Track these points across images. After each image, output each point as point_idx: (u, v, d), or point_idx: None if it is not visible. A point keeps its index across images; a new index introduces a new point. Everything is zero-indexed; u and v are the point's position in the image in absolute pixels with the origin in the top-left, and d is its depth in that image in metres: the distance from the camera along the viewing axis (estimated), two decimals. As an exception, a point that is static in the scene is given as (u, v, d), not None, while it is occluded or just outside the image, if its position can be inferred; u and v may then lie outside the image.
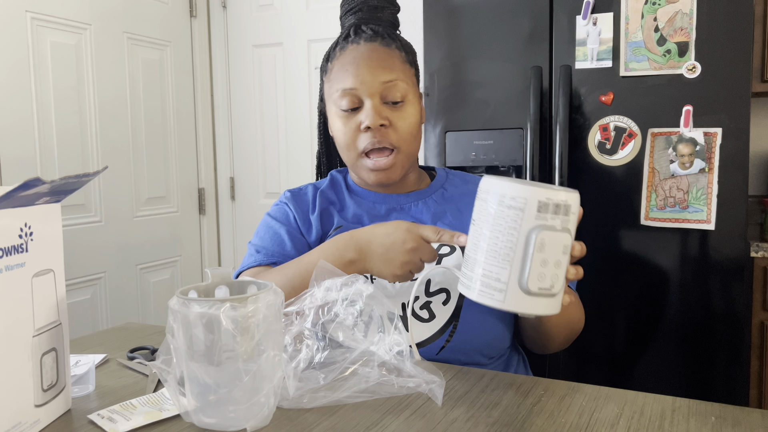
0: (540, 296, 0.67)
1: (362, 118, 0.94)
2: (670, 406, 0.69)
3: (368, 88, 0.94)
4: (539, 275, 0.67)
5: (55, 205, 0.68)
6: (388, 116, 0.95)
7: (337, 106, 0.97)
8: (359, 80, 0.94)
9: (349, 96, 0.95)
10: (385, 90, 0.95)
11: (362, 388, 0.71)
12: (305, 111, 2.63)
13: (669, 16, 1.62)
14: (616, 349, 1.73)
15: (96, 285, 2.32)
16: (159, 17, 2.55)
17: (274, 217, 1.04)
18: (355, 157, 0.97)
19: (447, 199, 1.03)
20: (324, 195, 1.04)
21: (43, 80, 2.10)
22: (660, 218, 1.65)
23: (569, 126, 1.72)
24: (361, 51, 0.97)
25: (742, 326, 1.61)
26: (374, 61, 0.95)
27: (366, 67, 0.95)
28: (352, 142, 0.96)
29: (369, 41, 0.98)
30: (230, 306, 0.60)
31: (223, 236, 2.88)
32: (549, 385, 0.76)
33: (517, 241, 0.67)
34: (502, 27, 1.82)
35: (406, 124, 0.96)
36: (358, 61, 0.95)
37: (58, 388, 0.68)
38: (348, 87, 0.95)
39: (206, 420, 0.63)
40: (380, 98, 0.95)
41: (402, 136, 0.96)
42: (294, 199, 1.05)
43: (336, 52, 1.00)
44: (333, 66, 0.99)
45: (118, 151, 2.38)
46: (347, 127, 0.96)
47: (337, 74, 0.98)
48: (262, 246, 1.00)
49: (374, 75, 0.94)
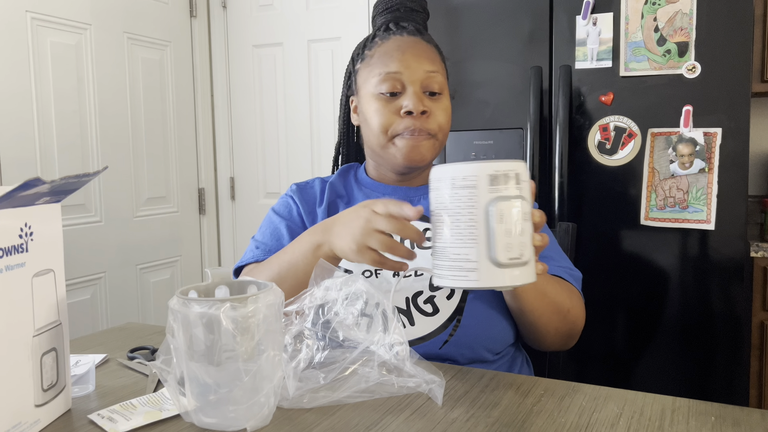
0: (512, 267, 0.68)
1: (405, 102, 0.96)
2: (670, 406, 0.69)
3: (412, 74, 0.96)
4: (506, 245, 0.68)
5: (55, 205, 0.68)
6: (428, 105, 0.97)
7: (375, 89, 0.98)
8: (404, 65, 0.96)
9: (392, 80, 0.96)
10: (428, 79, 0.97)
11: (362, 388, 0.71)
12: (305, 111, 2.63)
13: (669, 16, 1.62)
14: (616, 349, 1.73)
15: (96, 285, 2.32)
16: (159, 17, 2.55)
17: (276, 212, 1.05)
18: (387, 140, 0.98)
19: None
20: (332, 187, 1.05)
21: (43, 80, 2.10)
22: (660, 218, 1.65)
23: (569, 126, 1.72)
24: (406, 41, 0.99)
25: (742, 326, 1.61)
26: (419, 50, 0.98)
27: (411, 54, 0.97)
28: (389, 124, 0.96)
29: (412, 35, 1.01)
30: (230, 306, 0.60)
31: (223, 236, 2.88)
32: (549, 385, 0.76)
33: (478, 218, 0.68)
34: (502, 27, 1.82)
35: (444, 115, 0.98)
36: (404, 48, 0.98)
37: (58, 388, 0.68)
38: (392, 71, 0.96)
39: (206, 420, 0.63)
40: (421, 87, 0.97)
41: (439, 125, 0.98)
42: (300, 192, 1.06)
43: (376, 41, 1.02)
44: (374, 53, 1.01)
45: (118, 151, 2.38)
46: (386, 109, 0.96)
47: (379, 59, 0.99)
48: (262, 242, 1.02)
49: (419, 63, 0.97)
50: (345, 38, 2.52)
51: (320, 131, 2.61)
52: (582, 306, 0.96)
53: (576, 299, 0.95)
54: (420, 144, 0.96)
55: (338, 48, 2.54)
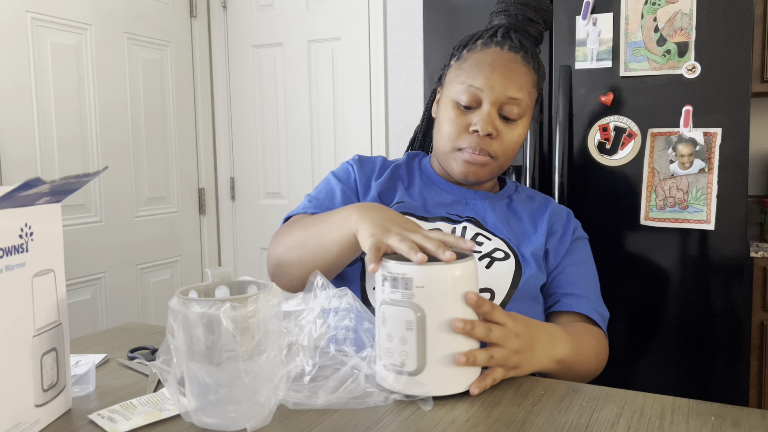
0: (398, 374, 0.69)
1: (474, 120, 0.96)
2: (669, 406, 0.69)
3: (494, 95, 0.95)
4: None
5: (55, 205, 0.68)
6: (498, 127, 0.96)
7: (456, 96, 0.98)
8: (489, 84, 0.95)
9: (472, 94, 0.96)
10: (507, 104, 0.96)
11: (348, 397, 0.70)
12: (305, 111, 2.63)
13: (669, 16, 1.62)
14: (616, 349, 1.73)
15: (96, 285, 2.32)
16: (159, 17, 2.55)
17: (335, 175, 1.07)
18: (450, 149, 0.99)
19: (512, 210, 1.05)
20: (396, 169, 1.07)
21: (43, 80, 2.10)
22: (660, 218, 1.65)
23: (569, 126, 1.72)
24: (503, 57, 0.97)
25: (742, 326, 1.61)
26: (510, 72, 0.96)
27: (501, 75, 0.95)
28: (456, 137, 0.97)
29: (513, 51, 0.98)
30: (230, 306, 0.60)
31: (223, 236, 2.88)
32: (549, 385, 0.76)
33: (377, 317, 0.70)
34: (502, 27, 1.81)
35: (512, 141, 0.98)
36: (496, 66, 0.96)
37: (58, 388, 0.68)
38: (475, 86, 0.96)
39: (206, 420, 0.63)
40: (498, 109, 0.96)
41: (503, 150, 0.97)
42: (361, 162, 1.08)
43: (477, 45, 1.00)
44: (469, 57, 1.00)
45: (118, 151, 2.38)
46: (458, 121, 0.97)
47: (470, 67, 0.98)
48: (315, 197, 1.03)
49: (505, 86, 0.95)
50: (345, 38, 2.52)
51: (320, 131, 2.61)
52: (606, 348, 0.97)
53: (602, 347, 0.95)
54: (477, 163, 0.97)
55: (338, 48, 2.54)
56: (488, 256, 0.94)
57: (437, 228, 0.96)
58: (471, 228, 0.98)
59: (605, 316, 0.99)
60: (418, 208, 1.00)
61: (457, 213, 1.01)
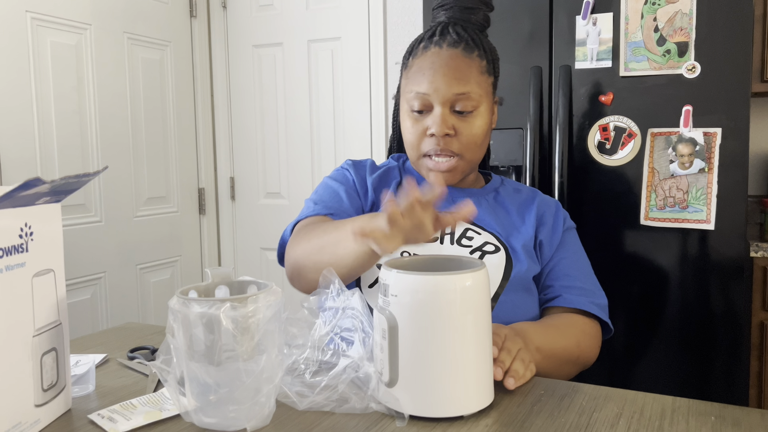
0: (378, 382, 0.68)
1: (429, 123, 0.97)
2: (670, 406, 0.69)
3: (440, 96, 0.96)
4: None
5: (55, 205, 0.68)
6: (455, 125, 0.97)
7: (409, 105, 0.99)
8: (433, 87, 0.96)
9: (421, 100, 0.97)
10: (456, 101, 0.96)
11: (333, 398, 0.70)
12: (305, 111, 2.63)
13: (669, 16, 1.62)
14: (616, 349, 1.73)
15: (96, 285, 2.32)
16: (159, 17, 2.55)
17: (333, 178, 1.08)
18: (417, 157, 1.01)
19: (499, 203, 1.06)
20: (389, 169, 1.09)
21: (43, 80, 2.10)
22: (660, 218, 1.65)
23: (569, 126, 1.72)
24: (442, 57, 0.98)
25: (741, 326, 1.61)
26: (451, 70, 0.96)
27: (442, 76, 0.96)
28: (417, 143, 0.99)
29: (451, 47, 0.98)
30: (230, 306, 0.60)
31: (223, 236, 2.87)
32: (549, 385, 0.76)
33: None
34: (502, 27, 1.82)
35: (472, 135, 0.98)
36: (436, 68, 0.97)
37: (58, 387, 0.68)
38: (422, 92, 0.97)
39: (206, 420, 0.63)
40: (450, 107, 0.97)
41: (465, 145, 0.98)
42: (354, 165, 1.10)
43: (419, 51, 1.01)
44: (413, 63, 1.01)
45: (118, 151, 2.38)
46: (415, 128, 0.99)
47: (414, 75, 0.99)
48: (320, 199, 1.04)
49: (448, 85, 0.96)
50: (345, 38, 2.52)
51: (320, 131, 2.61)
52: (597, 342, 0.98)
53: (587, 340, 0.96)
54: (444, 167, 0.98)
55: (338, 48, 2.54)
56: (479, 249, 0.96)
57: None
58: (460, 224, 0.98)
59: (603, 305, 1.00)
60: None
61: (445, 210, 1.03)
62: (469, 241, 0.96)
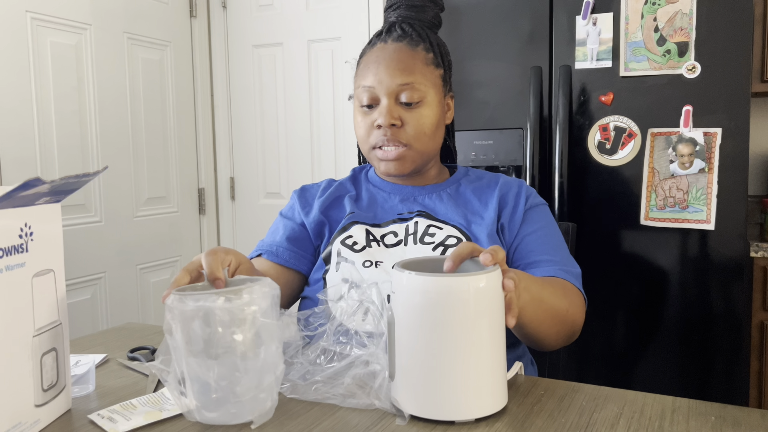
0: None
1: (376, 115, 1.00)
2: (670, 406, 0.69)
3: (385, 88, 0.99)
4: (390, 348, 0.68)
5: (55, 205, 0.68)
6: (401, 116, 0.99)
7: (358, 100, 1.02)
8: (377, 79, 0.99)
9: (368, 93, 1.00)
10: (401, 91, 0.99)
11: (333, 393, 0.70)
12: (305, 111, 2.63)
13: (669, 16, 1.62)
14: (616, 349, 1.73)
15: (96, 285, 2.32)
16: (159, 17, 2.55)
17: (281, 214, 1.12)
18: (368, 150, 1.03)
19: (460, 194, 1.06)
20: (342, 186, 1.10)
21: (43, 80, 2.10)
22: (660, 218, 1.65)
23: (569, 126, 1.72)
24: (387, 51, 1.01)
25: (741, 326, 1.61)
26: (394, 62, 0.99)
27: (385, 68, 0.99)
28: (366, 136, 1.02)
29: (396, 41, 1.01)
30: (225, 298, 0.61)
31: (223, 236, 2.87)
32: (549, 385, 0.76)
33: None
34: (502, 27, 1.82)
35: (421, 124, 1.00)
36: (380, 61, 1.00)
37: (58, 388, 0.68)
38: (367, 85, 1.00)
39: (209, 415, 0.63)
40: (396, 98, 0.99)
41: (413, 136, 0.99)
42: (302, 191, 1.13)
43: (367, 49, 1.05)
44: (361, 62, 1.05)
45: (118, 151, 2.38)
46: (364, 122, 1.02)
47: (361, 71, 1.03)
48: (262, 240, 1.09)
49: (392, 76, 0.98)
50: (345, 38, 2.52)
51: (320, 131, 2.61)
52: (581, 303, 0.96)
53: (573, 296, 0.94)
54: (392, 158, 1.00)
55: (338, 48, 2.54)
56: (441, 244, 0.96)
57: (392, 231, 0.99)
58: (422, 221, 1.00)
59: (575, 273, 0.98)
60: (368, 217, 1.03)
61: (407, 210, 1.04)
62: (431, 238, 0.97)
